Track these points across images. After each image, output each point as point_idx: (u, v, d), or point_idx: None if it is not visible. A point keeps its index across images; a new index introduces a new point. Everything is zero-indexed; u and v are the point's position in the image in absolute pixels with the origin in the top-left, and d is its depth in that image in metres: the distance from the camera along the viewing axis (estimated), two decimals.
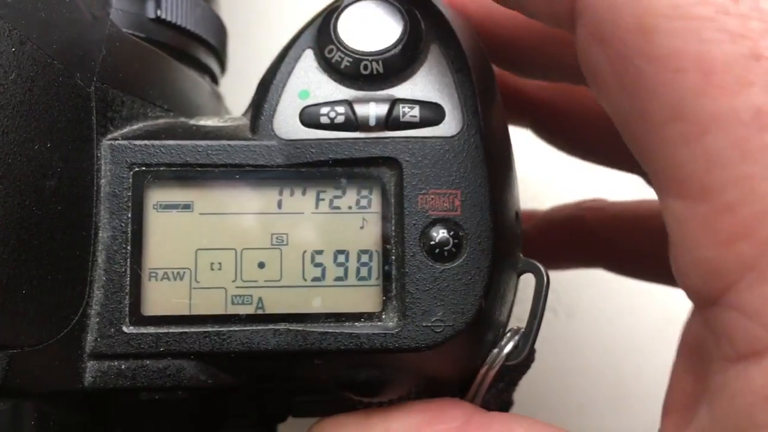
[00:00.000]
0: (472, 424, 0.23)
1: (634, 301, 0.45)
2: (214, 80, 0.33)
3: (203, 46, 0.31)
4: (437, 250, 0.23)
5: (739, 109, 0.18)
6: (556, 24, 0.22)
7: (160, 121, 0.26)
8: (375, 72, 0.24)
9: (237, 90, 0.35)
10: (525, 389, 0.27)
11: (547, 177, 0.44)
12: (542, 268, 0.25)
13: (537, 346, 0.25)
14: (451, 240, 0.23)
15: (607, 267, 0.36)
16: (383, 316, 0.24)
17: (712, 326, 0.19)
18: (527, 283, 0.26)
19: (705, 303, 0.19)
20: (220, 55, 0.32)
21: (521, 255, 0.26)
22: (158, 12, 0.28)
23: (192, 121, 0.26)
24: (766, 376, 0.18)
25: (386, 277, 0.24)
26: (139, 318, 0.23)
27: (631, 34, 0.19)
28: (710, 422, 0.19)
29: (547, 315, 0.25)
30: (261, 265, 0.24)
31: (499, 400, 0.26)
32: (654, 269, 0.35)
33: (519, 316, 0.26)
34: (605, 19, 0.19)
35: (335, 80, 0.24)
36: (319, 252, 0.24)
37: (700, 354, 0.20)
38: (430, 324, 0.23)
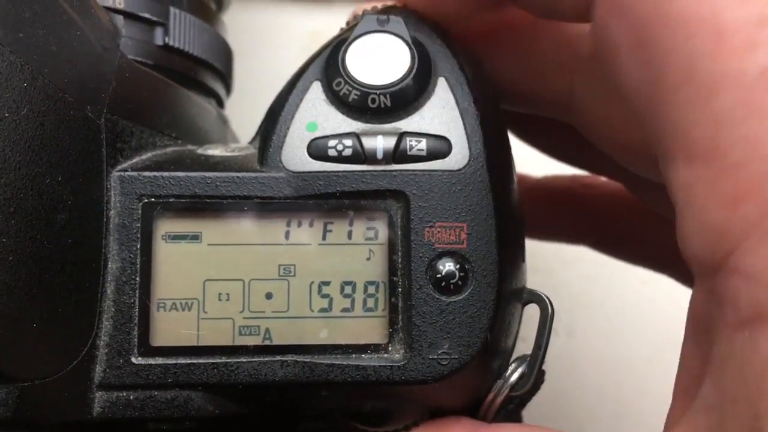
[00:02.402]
0: None
1: (634, 320, 0.45)
2: (220, 103, 0.33)
3: (210, 71, 0.31)
4: (443, 283, 0.24)
5: (746, 69, 0.18)
6: (574, 13, 0.22)
7: (169, 150, 0.26)
8: (383, 105, 0.24)
9: (241, 108, 0.35)
10: (526, 407, 0.28)
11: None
12: (547, 299, 0.26)
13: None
14: (457, 273, 0.24)
15: (593, 245, 0.36)
16: (389, 348, 0.24)
17: (715, 295, 0.19)
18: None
19: (709, 270, 0.19)
20: (226, 79, 0.33)
21: (526, 285, 0.26)
22: (166, 39, 0.28)
23: (200, 151, 0.26)
24: None
25: (393, 308, 0.24)
26: (147, 349, 0.23)
27: (647, 2, 0.20)
28: (716, 394, 0.19)
29: None
30: (268, 296, 0.24)
31: (508, 419, 0.26)
32: (639, 252, 0.35)
33: (524, 335, 0.27)
34: None
35: (343, 113, 0.25)
36: (326, 283, 0.24)
37: (705, 328, 0.20)
38: (436, 356, 0.23)
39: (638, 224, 0.34)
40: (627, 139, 0.26)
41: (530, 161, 0.41)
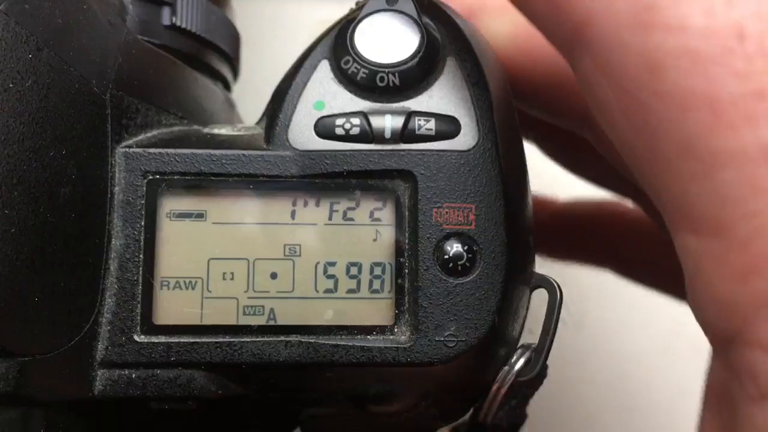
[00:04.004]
0: None
1: (643, 313, 0.45)
2: (227, 87, 0.33)
3: (217, 54, 0.31)
4: (451, 264, 0.23)
5: (747, 145, 0.18)
6: (558, 46, 0.21)
7: (174, 128, 0.26)
8: (391, 84, 0.24)
9: (249, 96, 0.35)
10: (534, 400, 0.27)
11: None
12: (556, 284, 0.25)
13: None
14: (465, 254, 0.23)
15: (616, 270, 0.36)
16: (395, 330, 0.24)
17: (732, 366, 0.19)
18: (538, 294, 0.26)
19: (724, 341, 0.19)
20: (233, 62, 0.32)
21: (534, 270, 0.26)
22: (174, 19, 0.28)
23: (206, 130, 0.26)
24: None
25: (399, 290, 0.24)
26: (150, 327, 0.23)
27: (638, 71, 0.19)
28: None
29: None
30: (273, 276, 0.24)
31: (512, 415, 0.26)
32: (663, 280, 0.35)
33: (530, 327, 0.26)
34: (613, 54, 0.19)
35: (351, 91, 0.24)
36: (332, 264, 0.24)
37: (725, 399, 0.20)
38: (442, 339, 0.23)
39: (662, 253, 0.33)
40: None
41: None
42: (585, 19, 0.19)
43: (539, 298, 0.26)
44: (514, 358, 0.25)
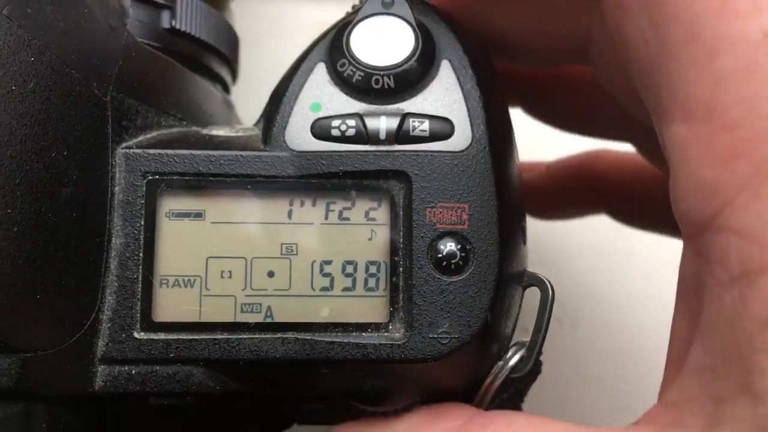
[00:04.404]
0: (474, 422, 0.23)
1: (639, 312, 0.45)
2: (226, 89, 0.33)
3: (216, 56, 0.31)
4: (444, 263, 0.24)
5: (749, 31, 0.19)
6: None
7: (174, 130, 0.26)
8: (386, 86, 0.24)
9: (247, 97, 0.36)
10: (528, 397, 0.28)
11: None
12: (548, 282, 0.26)
13: (542, 355, 0.26)
14: (458, 253, 0.24)
15: (610, 212, 0.37)
16: (390, 327, 0.24)
17: (704, 254, 0.20)
18: (532, 293, 0.26)
19: (698, 229, 0.20)
20: (232, 65, 0.33)
21: (527, 269, 0.26)
22: (173, 22, 0.28)
23: (205, 131, 0.26)
24: (762, 298, 0.18)
25: (394, 288, 0.24)
26: (150, 324, 0.24)
27: None
28: (707, 355, 0.20)
29: (552, 325, 0.26)
30: (270, 274, 0.24)
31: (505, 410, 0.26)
32: (656, 216, 0.35)
33: (524, 326, 0.27)
34: None
35: (347, 93, 0.25)
36: (328, 262, 0.24)
37: (695, 291, 0.21)
38: (436, 336, 0.24)
39: (651, 190, 0.34)
40: None
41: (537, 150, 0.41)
42: None
43: (535, 297, 0.26)
44: (508, 354, 0.26)
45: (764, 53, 0.19)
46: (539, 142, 0.39)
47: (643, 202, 0.35)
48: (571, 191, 0.36)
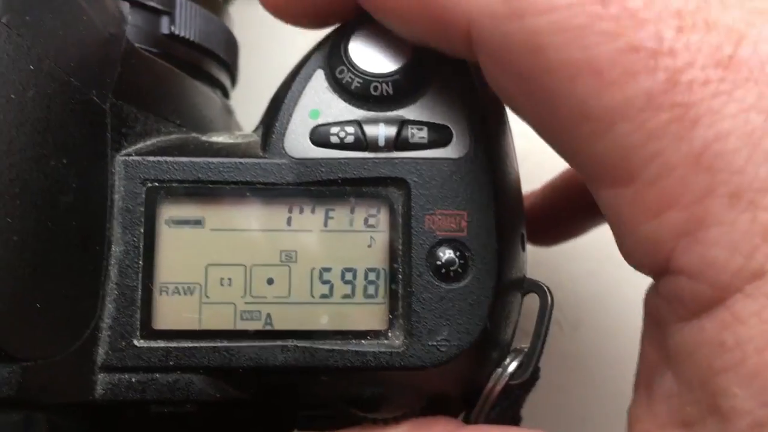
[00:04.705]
0: None
1: (639, 315, 0.45)
2: (225, 94, 0.33)
3: (215, 61, 0.31)
4: (443, 270, 0.24)
5: (632, 97, 0.19)
6: (459, 53, 0.23)
7: (173, 136, 0.26)
8: (385, 93, 0.24)
9: (247, 102, 0.36)
10: (529, 402, 0.28)
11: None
12: (546, 289, 0.26)
13: (542, 359, 0.26)
14: (457, 260, 0.24)
15: None
16: (389, 335, 0.24)
17: (664, 294, 0.21)
18: (533, 296, 0.26)
19: (653, 275, 0.21)
20: (232, 70, 0.33)
21: (526, 275, 0.26)
22: (172, 28, 0.28)
23: (204, 138, 0.26)
24: (716, 325, 0.19)
25: (393, 295, 0.24)
26: (149, 332, 0.24)
27: (524, 54, 0.20)
28: (675, 383, 0.21)
29: (552, 329, 0.26)
30: (270, 282, 0.24)
31: (506, 417, 0.26)
32: None
33: (523, 328, 0.27)
34: (499, 47, 0.21)
35: (345, 100, 0.25)
36: (327, 269, 0.24)
37: (659, 325, 0.22)
38: (435, 343, 0.24)
39: None
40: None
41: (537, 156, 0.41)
42: (466, 21, 0.21)
43: (535, 300, 0.26)
44: (507, 361, 0.26)
45: (654, 114, 0.19)
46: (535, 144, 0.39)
47: None
48: (570, 206, 0.37)
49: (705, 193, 0.19)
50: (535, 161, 0.43)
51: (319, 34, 0.27)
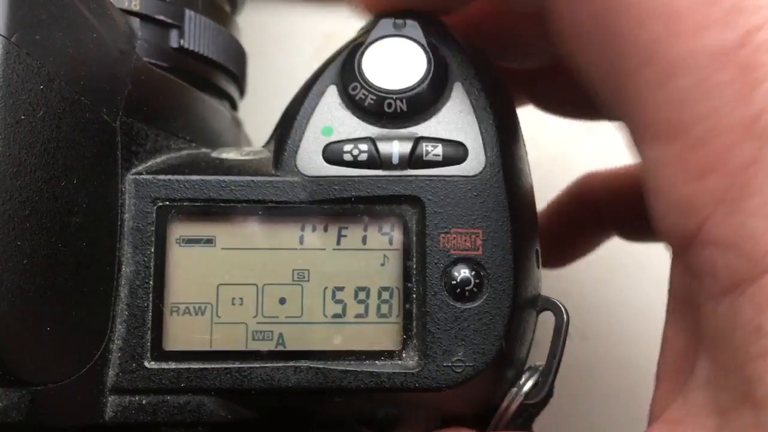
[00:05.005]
0: None
1: (648, 323, 0.45)
2: (234, 106, 0.33)
3: (224, 74, 0.31)
4: (458, 290, 0.23)
5: (699, 51, 0.19)
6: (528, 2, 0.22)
7: (183, 153, 0.26)
8: (399, 110, 0.24)
9: (256, 111, 0.35)
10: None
11: None
12: (562, 306, 0.25)
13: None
14: (472, 279, 0.24)
15: (620, 232, 0.37)
16: (403, 355, 0.24)
17: (693, 268, 0.20)
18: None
19: (683, 245, 0.20)
20: (240, 81, 0.32)
21: (541, 292, 0.26)
22: (181, 41, 0.28)
23: (214, 154, 0.26)
24: (753, 306, 0.19)
25: (407, 315, 0.24)
26: (160, 353, 0.23)
27: None
28: (710, 369, 0.20)
29: None
30: (282, 301, 0.24)
31: None
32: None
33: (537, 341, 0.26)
34: None
35: (359, 117, 0.24)
36: (340, 288, 0.24)
37: (688, 304, 0.21)
38: (450, 364, 0.23)
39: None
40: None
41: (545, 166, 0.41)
42: None
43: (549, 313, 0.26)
44: (522, 380, 0.25)
45: (717, 69, 0.19)
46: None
47: (643, 211, 0.35)
48: (575, 225, 0.36)
49: (752, 160, 0.19)
50: (547, 169, 0.43)
51: (326, 43, 0.26)
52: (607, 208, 0.36)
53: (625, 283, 0.45)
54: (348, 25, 0.28)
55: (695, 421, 0.20)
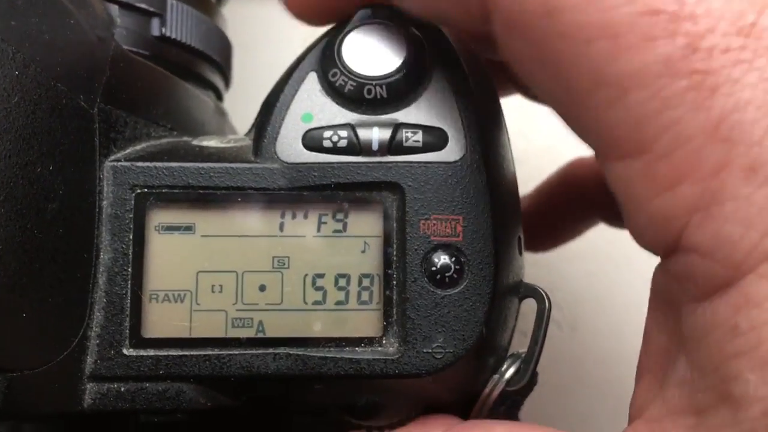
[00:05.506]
0: (452, 430, 0.23)
1: (638, 315, 0.45)
2: (218, 96, 0.33)
3: (208, 63, 0.31)
4: (439, 276, 0.23)
5: (650, 63, 0.19)
6: (474, 26, 0.22)
7: (163, 141, 0.26)
8: (378, 96, 0.24)
9: (241, 103, 0.35)
10: (527, 403, 0.27)
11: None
12: (544, 293, 0.25)
13: (541, 359, 0.25)
14: (452, 266, 0.23)
15: (604, 219, 0.37)
16: (384, 342, 0.24)
17: (674, 274, 0.20)
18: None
19: (663, 254, 0.20)
20: (225, 72, 0.32)
21: (523, 280, 0.26)
22: (163, 30, 0.28)
23: (195, 142, 0.26)
24: (730, 307, 0.19)
25: (387, 301, 0.24)
26: (139, 340, 0.23)
27: (540, 18, 0.20)
28: (689, 368, 0.20)
29: (551, 329, 0.25)
30: (262, 288, 0.24)
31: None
32: None
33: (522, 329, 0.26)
34: (514, 10, 0.20)
35: (339, 104, 0.24)
36: (320, 275, 0.24)
37: (670, 306, 0.21)
38: (430, 350, 0.23)
39: None
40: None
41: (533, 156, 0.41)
42: None
43: (533, 301, 0.26)
44: (504, 367, 0.25)
45: (671, 80, 0.19)
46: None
47: None
48: (561, 210, 0.36)
49: (721, 165, 0.18)
50: (534, 163, 0.43)
51: (314, 34, 0.26)
52: (594, 194, 0.36)
53: (615, 275, 0.45)
54: None
55: (673, 420, 0.20)
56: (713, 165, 0.19)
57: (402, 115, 0.24)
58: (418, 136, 0.24)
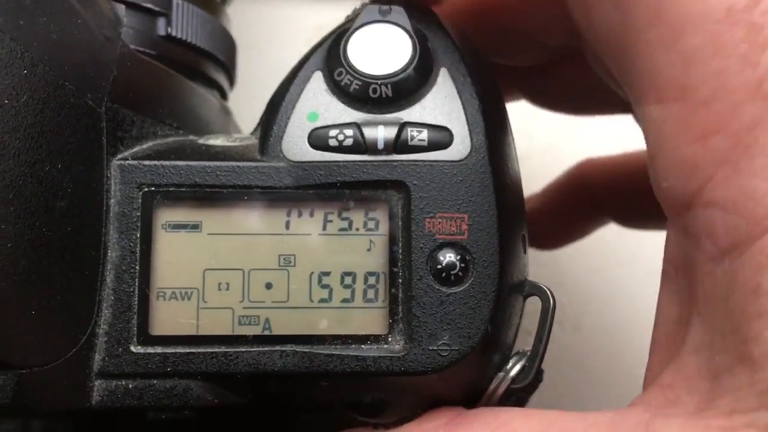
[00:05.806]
0: (459, 418, 0.23)
1: (641, 313, 0.45)
2: (223, 95, 0.33)
3: (213, 63, 0.31)
4: (444, 274, 0.24)
5: (712, 8, 0.19)
6: None
7: (170, 139, 0.26)
8: (384, 95, 0.24)
9: (246, 102, 0.35)
10: (531, 401, 0.27)
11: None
12: (548, 291, 0.25)
13: (544, 358, 0.26)
14: (458, 264, 0.24)
15: (614, 218, 0.37)
16: (389, 339, 0.24)
17: (690, 230, 0.20)
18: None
19: (682, 206, 0.20)
20: (230, 71, 0.32)
21: (527, 278, 0.26)
22: (169, 29, 0.28)
23: (201, 141, 0.26)
24: (751, 267, 0.18)
25: (393, 299, 0.24)
26: (146, 338, 0.23)
27: None
28: (705, 332, 0.20)
29: (554, 328, 0.26)
30: (268, 286, 0.24)
31: None
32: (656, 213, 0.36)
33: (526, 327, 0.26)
34: None
35: (344, 103, 0.24)
36: (327, 273, 0.24)
37: (684, 269, 0.21)
38: (436, 348, 0.23)
39: (645, 183, 0.34)
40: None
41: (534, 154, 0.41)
42: None
43: (537, 299, 0.26)
44: (509, 365, 0.25)
45: (728, 29, 0.19)
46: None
47: (640, 198, 0.35)
48: (571, 209, 0.36)
49: (757, 121, 0.18)
50: (538, 161, 0.43)
51: (319, 33, 0.26)
52: (604, 194, 0.36)
53: (618, 273, 0.46)
54: (339, 16, 0.28)
55: (688, 385, 0.20)
56: (750, 120, 0.18)
57: (407, 114, 0.24)
58: (424, 135, 0.24)
